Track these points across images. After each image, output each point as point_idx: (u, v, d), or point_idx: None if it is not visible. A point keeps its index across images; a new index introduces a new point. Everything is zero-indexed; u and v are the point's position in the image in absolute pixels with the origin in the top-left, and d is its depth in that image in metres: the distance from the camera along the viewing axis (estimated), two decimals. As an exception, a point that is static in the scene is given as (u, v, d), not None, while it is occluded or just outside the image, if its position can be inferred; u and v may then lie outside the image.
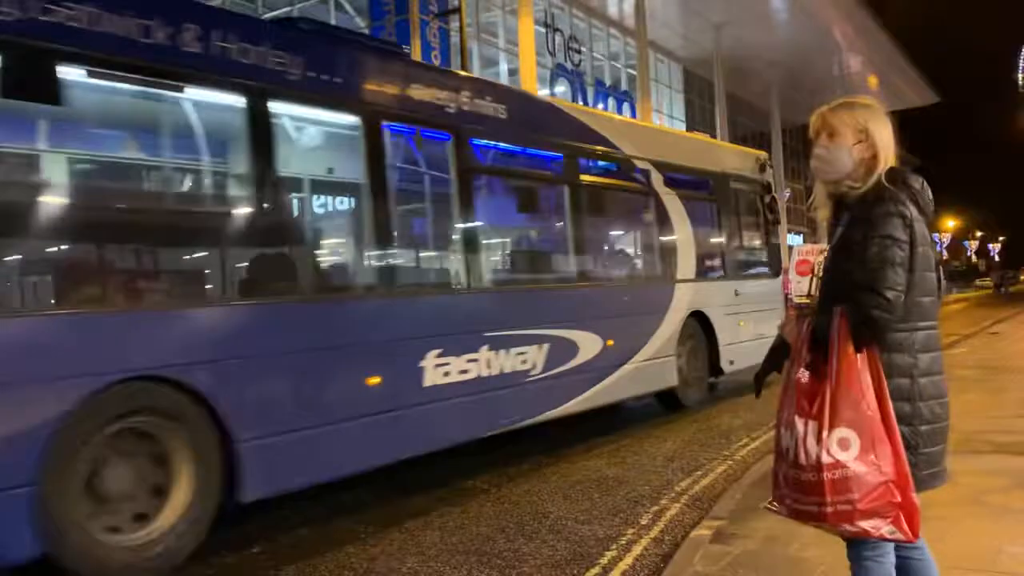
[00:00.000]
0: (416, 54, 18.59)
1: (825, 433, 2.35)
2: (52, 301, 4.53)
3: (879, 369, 2.40)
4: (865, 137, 2.55)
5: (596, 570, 4.40)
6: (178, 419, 4.57)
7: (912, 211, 2.47)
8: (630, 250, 9.75)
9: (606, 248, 9.25)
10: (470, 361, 6.43)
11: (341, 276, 6.45)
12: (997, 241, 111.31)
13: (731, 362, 9.89)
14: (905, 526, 2.34)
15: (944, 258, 75.94)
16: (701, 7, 28.64)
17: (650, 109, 26.57)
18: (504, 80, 23.38)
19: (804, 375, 2.46)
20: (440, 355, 6.13)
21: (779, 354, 2.70)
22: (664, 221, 9.24)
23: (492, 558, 4.65)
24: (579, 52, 26.50)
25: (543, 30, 24.43)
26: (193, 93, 5.15)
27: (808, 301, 2.69)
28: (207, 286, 5.39)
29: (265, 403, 5.03)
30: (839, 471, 2.33)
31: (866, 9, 31.69)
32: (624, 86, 29.42)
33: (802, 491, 2.40)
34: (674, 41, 31.62)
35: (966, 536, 4.15)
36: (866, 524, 2.33)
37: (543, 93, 23.00)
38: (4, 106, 4.28)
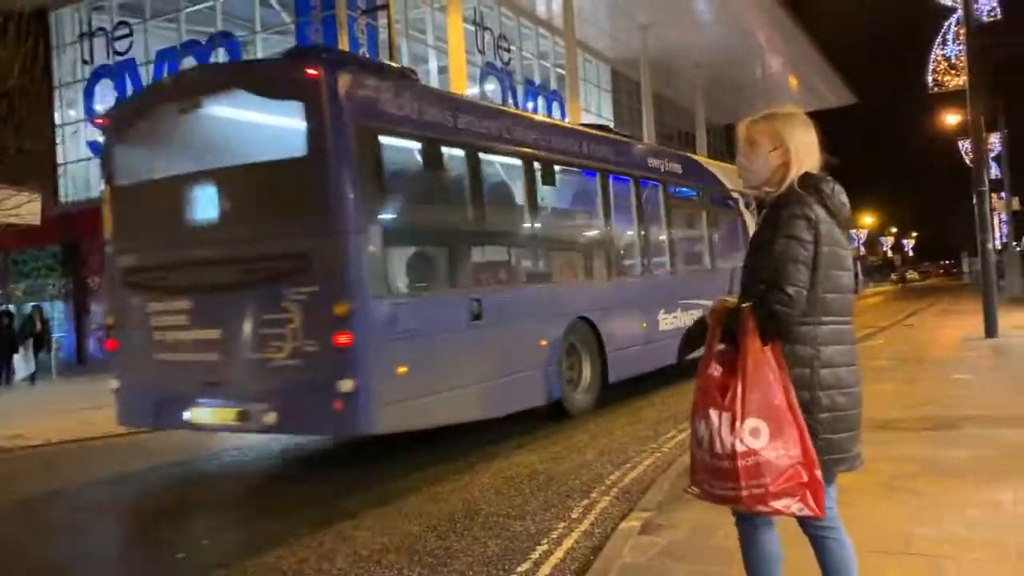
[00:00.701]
0: (343, 50, 18.37)
1: (738, 424, 2.48)
2: (562, 278, 9.51)
3: (782, 360, 2.54)
4: (780, 144, 2.69)
5: (527, 565, 4.43)
6: (584, 338, 9.09)
7: (819, 213, 2.59)
8: (735, 248, 13.56)
9: (725, 248, 13.20)
10: (674, 317, 10.94)
11: (632, 267, 10.90)
12: (911, 237, 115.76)
13: None
14: (812, 503, 2.49)
15: (861, 253, 78.70)
16: (628, 8, 29.02)
17: (579, 108, 26.78)
18: (434, 78, 23.32)
19: (716, 369, 2.60)
20: (663, 312, 10.80)
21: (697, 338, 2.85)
22: (745, 229, 13.58)
23: (423, 556, 4.65)
24: (508, 51, 26.62)
25: (472, 28, 24.43)
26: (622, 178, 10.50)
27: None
28: (600, 273, 10.23)
29: (617, 332, 9.66)
30: (752, 458, 2.46)
31: (788, 13, 32.54)
32: (553, 85, 29.64)
33: (718, 477, 2.53)
34: (602, 41, 31.96)
35: (880, 520, 4.33)
36: (778, 504, 2.48)
37: (473, 91, 23.03)
38: (551, 191, 9.34)
